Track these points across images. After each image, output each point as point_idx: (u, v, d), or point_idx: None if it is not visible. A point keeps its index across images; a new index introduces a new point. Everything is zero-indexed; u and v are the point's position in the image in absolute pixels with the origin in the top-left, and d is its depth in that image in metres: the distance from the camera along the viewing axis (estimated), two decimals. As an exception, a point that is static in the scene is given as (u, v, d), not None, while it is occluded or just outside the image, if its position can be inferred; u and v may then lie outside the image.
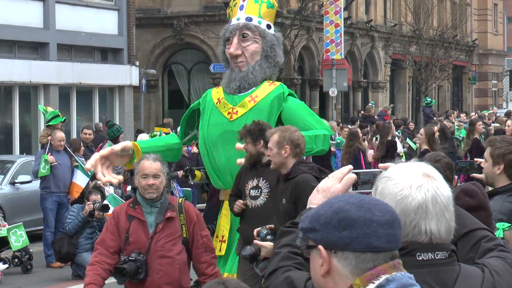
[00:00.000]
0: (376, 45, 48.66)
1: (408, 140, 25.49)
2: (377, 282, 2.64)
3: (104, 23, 32.12)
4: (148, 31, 37.73)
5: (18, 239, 15.72)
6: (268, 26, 8.36)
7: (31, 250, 16.46)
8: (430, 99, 45.17)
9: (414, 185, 3.09)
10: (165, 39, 39.08)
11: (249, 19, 8.16)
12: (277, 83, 8.55)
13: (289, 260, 3.58)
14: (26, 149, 27.98)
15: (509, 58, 68.79)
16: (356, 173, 3.58)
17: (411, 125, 34.25)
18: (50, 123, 17.16)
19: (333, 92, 35.57)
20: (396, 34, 49.62)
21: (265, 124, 8.22)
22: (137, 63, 33.65)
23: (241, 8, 8.25)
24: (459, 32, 56.86)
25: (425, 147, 16.67)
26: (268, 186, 8.51)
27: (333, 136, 10.64)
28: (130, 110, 33.06)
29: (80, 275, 14.99)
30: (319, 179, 7.73)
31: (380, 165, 2.73)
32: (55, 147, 16.62)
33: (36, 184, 18.14)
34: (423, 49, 48.70)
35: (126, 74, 32.71)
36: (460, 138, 30.00)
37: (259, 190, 8.57)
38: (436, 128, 20.13)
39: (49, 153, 16.40)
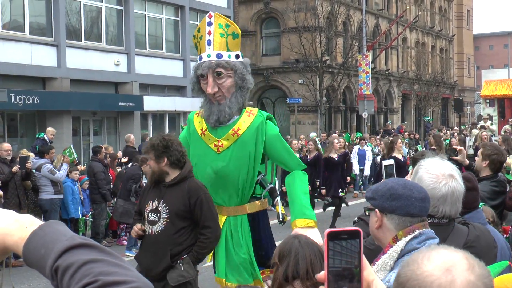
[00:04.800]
0: (392, 85, 48.25)
1: (418, 146, 25.05)
2: (413, 234, 2.74)
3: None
4: (248, 78, 37.82)
5: None
6: (237, 56, 5.88)
7: None
8: (429, 118, 45.38)
9: (442, 182, 3.16)
10: (258, 83, 39.04)
11: (219, 55, 5.74)
12: (255, 111, 5.92)
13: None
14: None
15: (478, 92, 67.90)
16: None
17: (417, 136, 33.96)
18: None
19: (365, 115, 35.24)
20: (405, 78, 49.27)
21: (172, 140, 5.65)
22: (241, 98, 33.77)
23: (209, 43, 5.78)
24: (445, 76, 56.42)
25: (384, 152, 17.42)
26: (167, 210, 5.58)
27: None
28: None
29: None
30: None
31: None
32: None
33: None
34: (422, 87, 48.37)
35: (234, 105, 32.87)
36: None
37: (158, 214, 5.60)
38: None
39: None
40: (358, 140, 23.55)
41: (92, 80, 25.12)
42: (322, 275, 1.52)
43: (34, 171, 13.26)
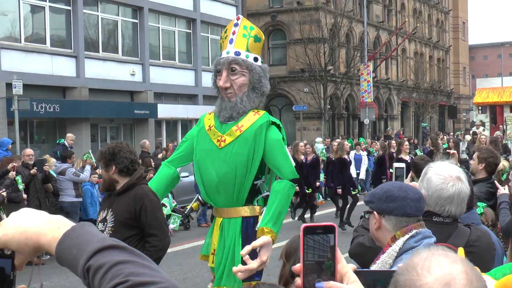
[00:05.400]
0: (392, 93, 48.22)
1: (417, 151, 24.87)
2: (410, 233, 2.75)
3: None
4: (255, 86, 37.84)
5: (175, 221, 15.74)
6: (255, 59, 5.44)
7: (189, 216, 16.42)
8: (426, 124, 45.32)
9: (450, 183, 3.16)
10: (266, 91, 39.21)
11: (237, 53, 5.34)
12: (262, 112, 5.39)
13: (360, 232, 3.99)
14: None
15: (472, 100, 68.22)
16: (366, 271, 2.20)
17: (415, 141, 33.96)
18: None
19: (366, 121, 35.23)
20: (404, 86, 49.23)
21: (120, 148, 5.24)
22: (250, 105, 33.79)
23: (231, 42, 5.45)
24: (442, 84, 56.40)
25: (380, 153, 17.35)
26: (113, 219, 5.18)
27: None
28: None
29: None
30: None
31: (400, 266, 1.87)
32: None
33: (191, 178, 18.19)
34: (421, 95, 48.30)
35: (243, 112, 32.88)
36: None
37: (105, 223, 5.22)
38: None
39: None
40: (357, 145, 23.50)
41: (109, 89, 25.20)
42: (298, 267, 1.51)
43: (55, 175, 13.32)
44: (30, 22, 23.13)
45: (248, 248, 3.92)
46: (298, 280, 1.51)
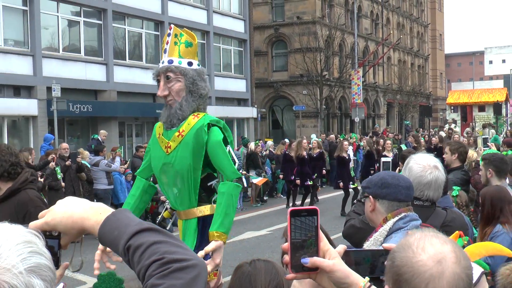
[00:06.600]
0: (379, 95, 48.11)
1: (402, 145, 24.76)
2: (400, 216, 2.73)
3: (239, 86, 32.37)
4: (261, 89, 37.84)
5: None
6: (190, 63, 4.70)
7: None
8: (408, 122, 45.17)
9: (428, 171, 3.15)
10: (270, 93, 39.16)
11: (170, 61, 4.65)
12: (201, 115, 4.64)
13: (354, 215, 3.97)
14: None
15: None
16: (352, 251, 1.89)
17: (399, 136, 33.91)
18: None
19: (356, 119, 35.15)
20: (389, 89, 49.13)
21: (7, 152, 4.34)
22: (256, 106, 33.80)
23: (165, 51, 4.78)
24: (422, 87, 56.30)
25: (367, 148, 17.38)
26: None
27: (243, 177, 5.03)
28: (251, 131, 33.22)
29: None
30: None
31: (385, 245, 1.82)
32: None
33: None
34: (404, 97, 48.25)
35: (251, 112, 32.89)
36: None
37: None
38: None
39: None
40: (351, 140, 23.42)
41: (134, 92, 25.22)
42: (286, 245, 1.50)
43: (90, 166, 13.37)
44: (67, 34, 23.17)
45: (201, 253, 3.71)
46: (286, 257, 1.50)
